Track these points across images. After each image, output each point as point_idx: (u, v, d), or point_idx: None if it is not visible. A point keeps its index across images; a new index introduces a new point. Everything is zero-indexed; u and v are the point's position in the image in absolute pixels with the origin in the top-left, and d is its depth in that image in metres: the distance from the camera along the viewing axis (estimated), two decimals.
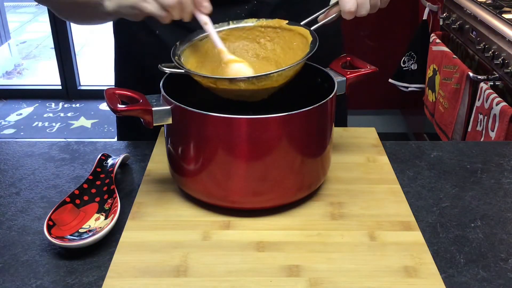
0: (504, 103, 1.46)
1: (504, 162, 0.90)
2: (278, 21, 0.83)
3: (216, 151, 0.71)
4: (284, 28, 0.83)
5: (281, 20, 0.83)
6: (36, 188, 0.83)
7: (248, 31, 0.84)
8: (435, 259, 0.67)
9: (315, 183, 0.78)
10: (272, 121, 0.69)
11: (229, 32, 0.83)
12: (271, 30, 0.84)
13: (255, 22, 0.84)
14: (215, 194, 0.74)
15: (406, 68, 2.30)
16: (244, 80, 0.72)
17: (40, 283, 0.64)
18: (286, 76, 0.75)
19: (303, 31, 0.80)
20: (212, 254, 0.67)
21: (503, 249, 0.70)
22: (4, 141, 0.97)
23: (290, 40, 0.82)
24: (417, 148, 0.94)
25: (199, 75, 0.74)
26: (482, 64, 1.69)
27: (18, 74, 4.00)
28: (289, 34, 0.82)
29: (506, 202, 0.80)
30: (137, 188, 0.81)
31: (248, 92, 0.74)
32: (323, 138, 0.76)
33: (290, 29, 0.82)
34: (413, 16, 2.54)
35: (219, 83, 0.73)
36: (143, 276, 0.64)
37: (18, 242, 0.71)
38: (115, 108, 0.70)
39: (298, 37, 0.81)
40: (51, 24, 3.25)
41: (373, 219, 0.74)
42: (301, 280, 0.63)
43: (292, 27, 0.82)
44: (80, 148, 0.94)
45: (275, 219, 0.74)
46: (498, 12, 1.66)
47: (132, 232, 0.71)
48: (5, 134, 3.02)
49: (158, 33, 0.95)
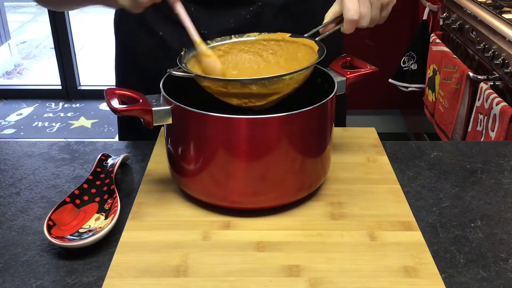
0: (504, 103, 1.46)
1: (504, 162, 0.90)
2: (280, 34, 0.83)
3: (216, 151, 0.71)
4: (287, 41, 0.83)
5: (284, 34, 0.83)
6: (36, 188, 0.83)
7: (250, 45, 0.84)
8: (435, 259, 0.67)
9: (315, 183, 0.78)
10: (272, 121, 0.69)
11: (232, 46, 0.83)
12: (274, 43, 0.84)
13: (257, 36, 0.84)
14: (215, 194, 0.74)
15: (406, 68, 2.30)
16: (256, 82, 0.72)
17: (40, 283, 0.64)
18: (297, 80, 0.74)
19: (307, 42, 0.80)
20: (212, 254, 0.67)
21: (503, 249, 0.70)
22: (4, 141, 0.97)
23: (295, 51, 0.82)
24: (417, 148, 0.94)
25: (210, 78, 0.73)
26: (482, 64, 1.69)
27: (18, 74, 4.01)
28: (293, 46, 0.82)
29: (506, 202, 0.80)
30: (137, 188, 0.81)
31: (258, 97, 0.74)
32: (323, 138, 0.76)
33: (293, 41, 0.82)
34: (413, 16, 2.54)
35: (231, 87, 0.72)
36: (143, 276, 0.64)
37: (18, 242, 0.71)
38: (115, 108, 0.70)
39: (303, 48, 0.81)
40: (51, 24, 3.25)
41: (373, 219, 0.74)
42: (301, 280, 0.63)
43: (295, 39, 0.82)
44: (80, 148, 0.94)
45: (275, 219, 0.74)
46: (498, 12, 1.66)
47: (132, 232, 0.71)
48: (5, 134, 3.02)
49: (161, 34, 0.95)
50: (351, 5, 0.76)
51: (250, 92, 0.72)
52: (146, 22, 0.96)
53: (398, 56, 2.34)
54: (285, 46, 0.83)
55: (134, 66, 1.03)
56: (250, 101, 0.74)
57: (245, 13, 0.92)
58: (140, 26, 0.98)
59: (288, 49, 0.83)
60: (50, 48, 4.27)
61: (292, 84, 0.74)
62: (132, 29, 1.00)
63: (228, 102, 0.76)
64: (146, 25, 0.96)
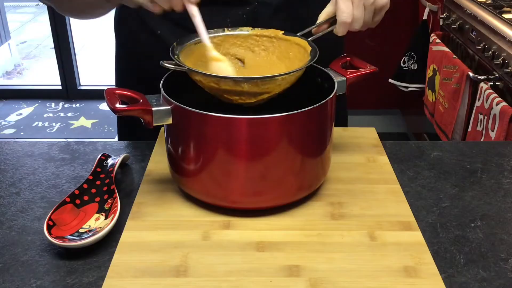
0: (504, 103, 1.46)
1: (504, 162, 0.90)
2: (273, 31, 0.84)
3: (216, 151, 0.71)
4: (280, 38, 0.83)
5: (277, 31, 0.83)
6: (36, 188, 0.83)
7: (242, 39, 0.84)
8: (435, 259, 0.67)
9: (315, 183, 0.78)
10: (272, 121, 0.69)
11: (224, 39, 0.83)
12: (267, 39, 0.84)
13: (250, 31, 0.84)
14: (215, 194, 0.74)
15: (406, 68, 2.30)
16: (248, 81, 0.72)
17: (40, 283, 0.64)
18: (289, 81, 0.75)
19: (300, 41, 0.81)
20: (212, 254, 0.67)
21: (503, 249, 0.70)
22: (4, 141, 0.97)
23: (286, 50, 0.82)
24: (417, 148, 0.94)
25: (202, 73, 0.73)
26: (482, 64, 1.69)
27: (18, 74, 4.01)
28: (285, 44, 0.83)
29: (506, 202, 0.80)
30: (137, 188, 0.81)
31: (249, 95, 0.74)
32: (323, 138, 0.76)
33: (286, 39, 0.83)
34: (413, 16, 2.54)
35: (223, 83, 0.73)
36: (143, 276, 0.64)
37: (18, 242, 0.71)
38: (115, 108, 0.70)
39: (295, 47, 0.81)
40: (51, 24, 3.25)
41: (373, 219, 0.74)
42: (301, 280, 0.63)
43: (288, 37, 0.82)
44: (80, 148, 0.94)
45: (275, 219, 0.74)
46: (498, 12, 1.66)
47: (132, 232, 0.71)
48: (5, 134, 3.02)
49: (160, 33, 0.95)
50: (345, 7, 0.77)
51: (241, 90, 0.73)
52: (146, 22, 0.96)
53: (398, 56, 2.34)
54: (277, 43, 0.83)
55: (134, 66, 1.03)
56: (241, 98, 0.75)
57: (242, 12, 0.92)
58: (140, 26, 0.98)
59: (280, 46, 0.83)
60: (50, 48, 4.26)
61: (284, 84, 0.75)
62: (132, 28, 1.00)
63: (218, 97, 0.76)
64: (146, 24, 0.96)
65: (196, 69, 0.73)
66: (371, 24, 0.81)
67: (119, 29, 1.04)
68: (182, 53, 0.77)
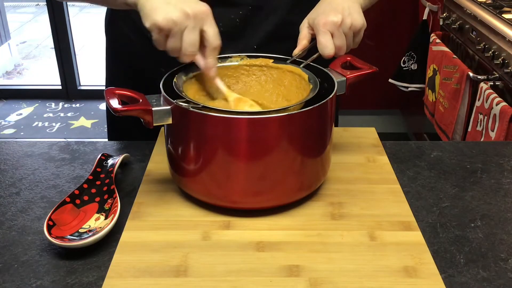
0: (504, 103, 1.46)
1: (504, 162, 0.90)
2: (263, 60, 0.84)
3: (216, 151, 0.71)
4: (271, 67, 0.84)
5: (267, 60, 0.84)
6: (36, 188, 0.83)
7: (233, 70, 0.85)
8: (435, 259, 0.67)
9: (315, 183, 0.78)
10: (272, 121, 0.69)
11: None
12: (257, 68, 0.85)
13: (239, 61, 0.84)
14: (215, 194, 0.74)
15: (406, 68, 2.30)
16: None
17: (40, 283, 0.64)
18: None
19: (293, 69, 0.82)
20: (212, 254, 0.67)
21: (503, 249, 0.70)
22: (4, 141, 0.97)
23: (280, 78, 0.83)
24: (417, 148, 0.94)
25: (216, 110, 0.70)
26: (482, 64, 1.69)
27: (18, 74, 4.01)
28: (277, 72, 0.84)
29: (506, 202, 0.80)
30: (137, 188, 0.81)
31: None
32: (323, 138, 0.76)
33: (277, 67, 0.84)
34: (413, 16, 2.54)
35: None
36: (143, 276, 0.64)
37: (18, 242, 0.71)
38: (115, 108, 0.70)
39: (289, 75, 0.82)
40: (51, 24, 3.25)
41: (373, 219, 0.74)
42: (301, 280, 0.63)
43: (279, 65, 0.83)
44: (80, 148, 0.94)
45: (275, 219, 0.74)
46: (498, 12, 1.66)
47: (132, 232, 0.71)
48: (5, 134, 3.02)
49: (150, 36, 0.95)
50: (325, 41, 0.78)
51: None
52: (135, 23, 0.96)
53: (398, 56, 2.34)
54: (268, 72, 0.84)
55: (123, 66, 1.04)
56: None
57: (234, 16, 0.92)
58: (129, 27, 0.98)
59: (273, 75, 0.84)
60: (50, 48, 4.26)
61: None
62: (122, 30, 1.00)
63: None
64: (136, 26, 0.96)
65: (211, 107, 0.71)
66: (352, 46, 0.83)
67: (109, 29, 1.05)
68: (184, 87, 0.77)
